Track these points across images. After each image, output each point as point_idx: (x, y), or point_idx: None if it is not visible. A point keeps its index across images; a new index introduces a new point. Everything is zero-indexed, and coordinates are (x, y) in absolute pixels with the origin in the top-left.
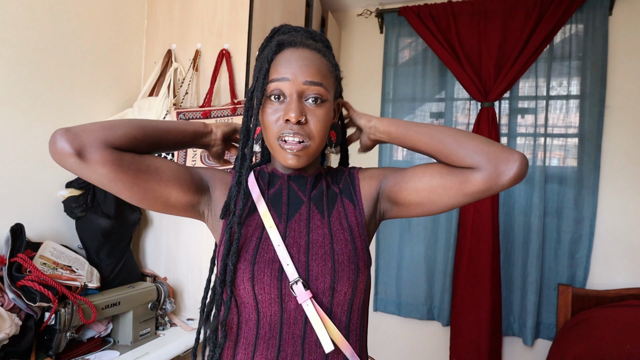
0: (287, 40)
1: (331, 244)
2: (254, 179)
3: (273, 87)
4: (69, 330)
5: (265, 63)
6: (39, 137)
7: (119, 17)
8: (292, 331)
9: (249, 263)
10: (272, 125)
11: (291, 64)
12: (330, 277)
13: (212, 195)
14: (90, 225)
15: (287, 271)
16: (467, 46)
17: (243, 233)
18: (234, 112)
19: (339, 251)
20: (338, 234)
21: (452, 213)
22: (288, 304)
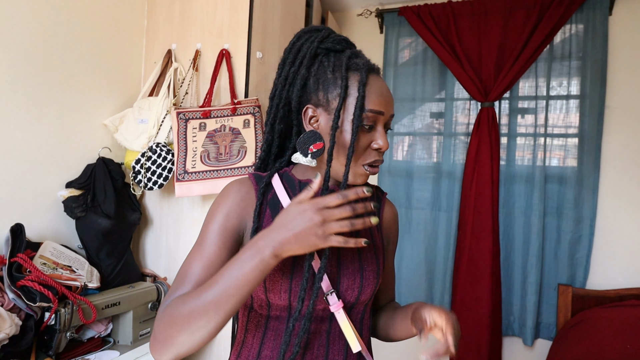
0: (371, 67)
1: (360, 261)
2: (282, 187)
3: (371, 117)
4: (69, 330)
5: (361, 90)
6: (39, 137)
7: (119, 17)
8: (319, 327)
9: (287, 279)
10: (361, 150)
11: (383, 98)
12: (357, 291)
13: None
14: (90, 225)
15: (322, 284)
16: (467, 46)
17: None
18: (234, 112)
19: (367, 268)
20: (365, 252)
21: (452, 213)
22: (318, 307)
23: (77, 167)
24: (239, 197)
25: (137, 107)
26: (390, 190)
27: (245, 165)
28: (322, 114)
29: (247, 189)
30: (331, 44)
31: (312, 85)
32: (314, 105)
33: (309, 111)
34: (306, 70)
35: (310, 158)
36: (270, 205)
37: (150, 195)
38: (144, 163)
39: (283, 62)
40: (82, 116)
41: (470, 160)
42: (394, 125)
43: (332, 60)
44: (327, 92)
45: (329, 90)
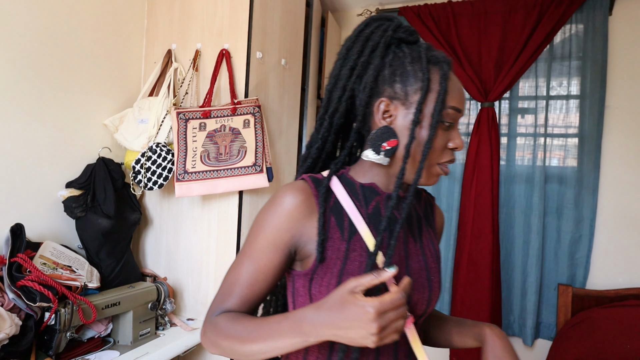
0: (449, 61)
1: (427, 274)
2: (344, 191)
3: (451, 115)
4: (69, 330)
5: (443, 84)
6: (39, 137)
7: (119, 17)
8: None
9: None
10: (438, 149)
11: (461, 95)
12: (426, 304)
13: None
14: (90, 225)
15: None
16: (467, 46)
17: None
18: (234, 112)
19: (433, 279)
20: (430, 262)
21: (452, 213)
22: None
23: (77, 167)
24: (293, 206)
25: (137, 107)
26: None
27: (245, 165)
28: (398, 108)
29: (305, 196)
30: (404, 34)
31: (387, 77)
32: (388, 98)
33: (383, 105)
34: (380, 60)
35: (383, 156)
36: (334, 212)
37: (150, 195)
38: (144, 163)
39: (347, 51)
40: (82, 116)
41: (470, 160)
42: None
43: (407, 51)
44: (406, 85)
45: (407, 83)
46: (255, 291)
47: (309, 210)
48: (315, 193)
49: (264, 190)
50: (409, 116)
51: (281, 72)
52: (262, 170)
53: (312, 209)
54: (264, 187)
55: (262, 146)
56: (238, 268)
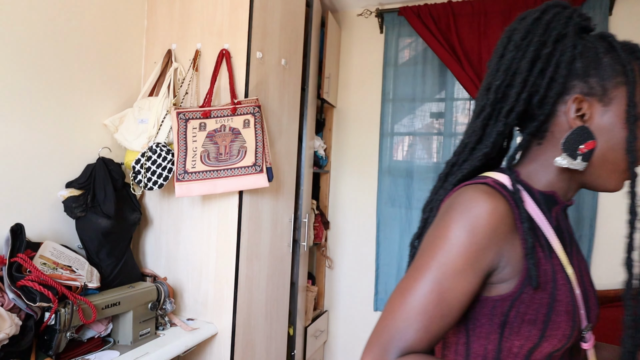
0: None
1: (592, 287)
2: (532, 202)
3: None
4: (69, 330)
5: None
6: (39, 137)
7: (119, 17)
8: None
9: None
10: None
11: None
12: (595, 321)
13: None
14: (90, 225)
15: (581, 317)
16: (467, 46)
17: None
18: (234, 112)
19: (596, 295)
20: (588, 275)
21: None
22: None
23: (77, 167)
24: (497, 219)
25: (137, 107)
26: (390, 190)
27: (245, 165)
28: (594, 106)
29: (503, 207)
30: (586, 21)
31: (579, 71)
32: (581, 95)
33: (576, 103)
34: (571, 51)
35: (581, 160)
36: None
37: (150, 195)
38: (144, 163)
39: (521, 40)
40: (82, 116)
41: None
42: (394, 125)
43: (595, 41)
44: (603, 79)
45: (605, 77)
46: (445, 325)
47: (510, 223)
48: (512, 203)
49: (264, 190)
50: (606, 115)
51: (281, 72)
52: (262, 170)
53: (512, 222)
54: (264, 187)
55: (262, 146)
56: (423, 293)
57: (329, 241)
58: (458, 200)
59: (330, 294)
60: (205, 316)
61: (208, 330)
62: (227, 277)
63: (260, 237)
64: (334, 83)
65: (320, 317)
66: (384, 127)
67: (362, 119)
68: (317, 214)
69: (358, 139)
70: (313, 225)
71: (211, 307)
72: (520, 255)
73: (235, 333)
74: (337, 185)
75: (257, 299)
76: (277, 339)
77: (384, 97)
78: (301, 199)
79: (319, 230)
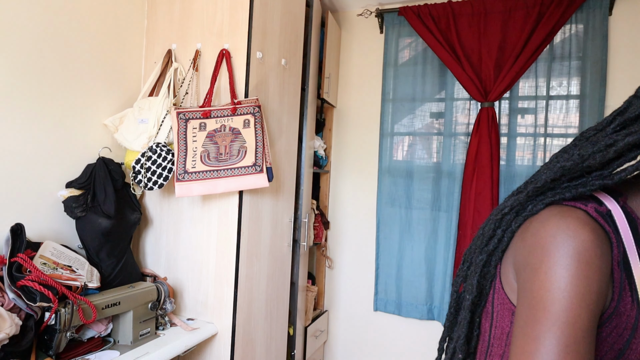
0: None
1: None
2: (630, 233)
3: None
4: (69, 330)
5: None
6: (39, 137)
7: (119, 17)
8: None
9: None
10: None
11: None
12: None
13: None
14: (90, 225)
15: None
16: (467, 46)
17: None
18: (234, 112)
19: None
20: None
21: (452, 213)
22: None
23: (77, 167)
24: (604, 263)
25: (137, 107)
26: (390, 190)
27: (245, 165)
28: None
29: (603, 239)
30: None
31: None
32: None
33: None
34: None
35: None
36: (623, 266)
37: (150, 195)
38: (144, 163)
39: None
40: (82, 116)
41: (470, 160)
42: (394, 125)
43: None
44: None
45: None
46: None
47: (609, 261)
48: (613, 236)
49: (264, 190)
50: None
51: (281, 72)
52: (262, 170)
53: (610, 261)
54: (264, 187)
55: (262, 146)
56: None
57: (329, 241)
58: (554, 235)
59: (330, 294)
60: (205, 316)
61: (208, 330)
62: (227, 277)
63: (260, 237)
64: (334, 83)
65: (320, 317)
66: (384, 127)
67: (362, 119)
68: (317, 214)
69: (358, 139)
70: (313, 225)
71: (211, 307)
72: (610, 296)
73: (235, 333)
74: (337, 185)
75: (257, 298)
76: (277, 338)
77: (384, 97)
78: (301, 199)
79: (319, 230)
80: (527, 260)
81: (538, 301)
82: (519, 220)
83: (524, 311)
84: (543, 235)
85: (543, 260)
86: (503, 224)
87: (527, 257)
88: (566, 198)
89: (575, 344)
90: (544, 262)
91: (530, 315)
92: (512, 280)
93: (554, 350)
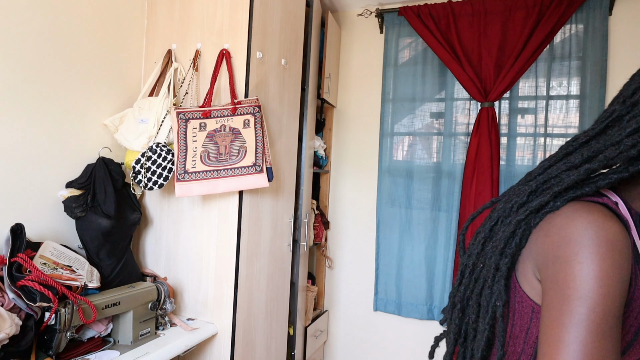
0: None
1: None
2: (634, 227)
3: None
4: (69, 330)
5: None
6: (39, 137)
7: (119, 17)
8: None
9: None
10: None
11: None
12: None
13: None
14: (90, 225)
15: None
16: (467, 46)
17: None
18: (234, 112)
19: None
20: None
21: (452, 213)
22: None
23: (77, 167)
24: (630, 252)
25: (137, 107)
26: (390, 190)
27: (245, 165)
28: None
29: (627, 236)
30: None
31: None
32: None
33: None
34: None
35: None
36: (635, 255)
37: (150, 195)
38: (144, 163)
39: None
40: (82, 116)
41: (470, 160)
42: (394, 125)
43: None
44: None
45: None
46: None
47: (631, 252)
48: (632, 229)
49: (264, 190)
50: None
51: (281, 72)
52: (262, 170)
53: (631, 250)
54: (264, 187)
55: (262, 146)
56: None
57: (329, 241)
58: (586, 228)
59: (330, 294)
60: (205, 316)
61: (208, 330)
62: (227, 277)
63: (260, 237)
64: (334, 83)
65: (320, 317)
66: (384, 127)
67: (362, 119)
68: (317, 214)
69: (358, 139)
70: (313, 225)
71: (211, 307)
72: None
73: (235, 333)
74: (337, 185)
75: (257, 298)
76: (277, 338)
77: (384, 97)
78: (301, 199)
79: (319, 230)
80: (557, 253)
81: (573, 290)
82: (538, 217)
83: (556, 303)
84: (573, 230)
85: (577, 252)
86: (523, 225)
87: (556, 251)
88: (587, 193)
89: (610, 330)
90: (579, 254)
91: (565, 306)
92: (531, 277)
93: (592, 337)
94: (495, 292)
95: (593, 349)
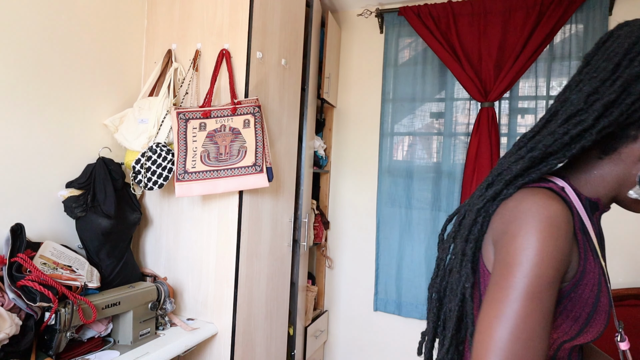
0: None
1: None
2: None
3: None
4: (69, 330)
5: None
6: (39, 137)
7: (119, 17)
8: None
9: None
10: None
11: None
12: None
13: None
14: (90, 225)
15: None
16: (467, 46)
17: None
18: (234, 112)
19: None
20: None
21: None
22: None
23: (77, 167)
24: (569, 226)
25: (137, 107)
26: (390, 190)
27: (245, 165)
28: None
29: (567, 210)
30: None
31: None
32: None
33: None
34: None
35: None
36: (582, 231)
37: (150, 195)
38: (144, 163)
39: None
40: (82, 116)
41: (470, 160)
42: (394, 125)
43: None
44: None
45: None
46: (549, 343)
47: (571, 232)
48: (574, 209)
49: (264, 190)
50: None
51: (281, 72)
52: (262, 170)
53: (572, 231)
54: (264, 187)
55: (262, 146)
56: (526, 315)
57: (329, 241)
58: (530, 207)
59: (330, 294)
60: (205, 316)
61: (208, 330)
62: (227, 277)
63: (260, 237)
64: (334, 83)
65: (320, 317)
66: (384, 127)
67: (362, 119)
68: (317, 214)
69: (358, 139)
70: (313, 225)
71: (211, 307)
72: (577, 258)
73: (235, 333)
74: (337, 185)
75: (257, 298)
76: (277, 338)
77: (384, 97)
78: (301, 199)
79: (319, 230)
80: (506, 229)
81: (513, 258)
82: (495, 205)
83: (499, 269)
84: (521, 209)
85: (521, 227)
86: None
87: (505, 228)
88: (533, 180)
89: (539, 292)
90: (522, 229)
91: (504, 271)
92: (491, 256)
93: (522, 296)
94: (463, 275)
95: (522, 307)
